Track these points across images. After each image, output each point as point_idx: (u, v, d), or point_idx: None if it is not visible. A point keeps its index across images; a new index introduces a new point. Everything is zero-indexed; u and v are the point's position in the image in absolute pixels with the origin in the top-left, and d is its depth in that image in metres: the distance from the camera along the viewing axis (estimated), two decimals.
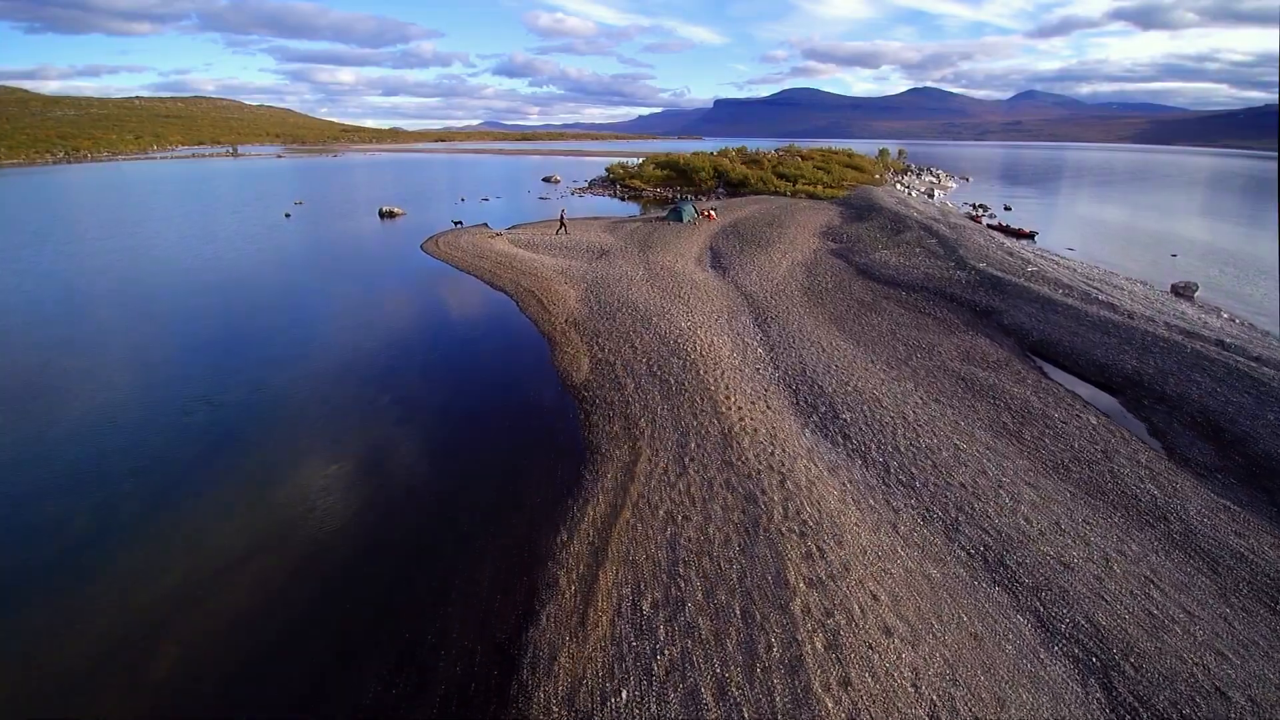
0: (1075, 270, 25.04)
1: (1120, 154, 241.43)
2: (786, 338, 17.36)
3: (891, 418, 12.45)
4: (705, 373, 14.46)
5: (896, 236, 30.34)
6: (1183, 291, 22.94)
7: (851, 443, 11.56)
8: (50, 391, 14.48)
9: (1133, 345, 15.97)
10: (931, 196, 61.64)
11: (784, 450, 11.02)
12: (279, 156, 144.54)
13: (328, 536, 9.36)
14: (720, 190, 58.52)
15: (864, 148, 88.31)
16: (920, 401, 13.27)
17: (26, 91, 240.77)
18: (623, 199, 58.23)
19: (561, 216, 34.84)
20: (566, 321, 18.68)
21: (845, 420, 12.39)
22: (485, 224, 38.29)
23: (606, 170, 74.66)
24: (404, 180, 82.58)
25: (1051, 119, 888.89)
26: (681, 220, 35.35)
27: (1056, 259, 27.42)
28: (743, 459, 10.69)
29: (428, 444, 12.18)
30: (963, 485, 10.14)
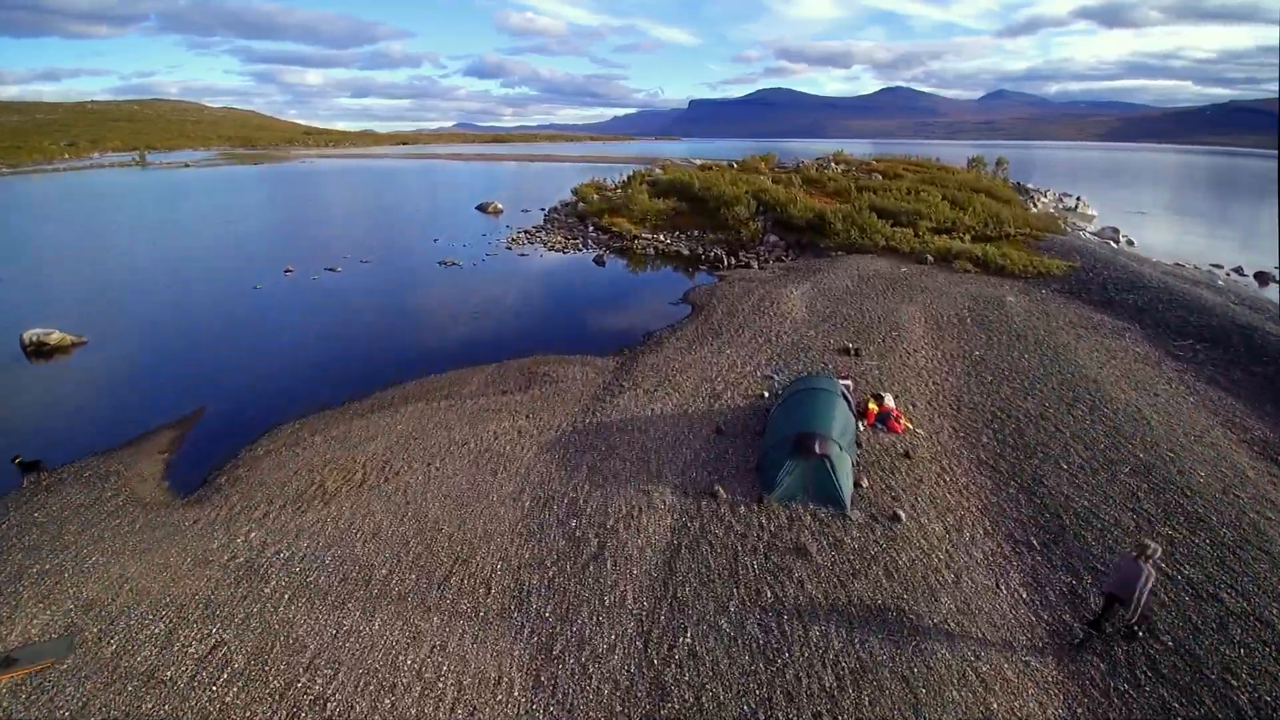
0: None
1: (1115, 153, 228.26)
2: None
3: None
4: None
5: None
6: None
7: None
8: None
9: None
10: (1118, 243, 37.31)
11: None
12: (186, 166, 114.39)
13: None
14: (771, 238, 33.23)
15: (845, 148, 67.54)
16: None
17: None
18: (600, 259, 32.44)
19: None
20: None
21: None
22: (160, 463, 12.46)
23: (574, 194, 48.38)
24: (267, 209, 54.85)
25: (1024, 118, 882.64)
26: (841, 502, 8.59)
27: None
28: None
29: None
30: None
